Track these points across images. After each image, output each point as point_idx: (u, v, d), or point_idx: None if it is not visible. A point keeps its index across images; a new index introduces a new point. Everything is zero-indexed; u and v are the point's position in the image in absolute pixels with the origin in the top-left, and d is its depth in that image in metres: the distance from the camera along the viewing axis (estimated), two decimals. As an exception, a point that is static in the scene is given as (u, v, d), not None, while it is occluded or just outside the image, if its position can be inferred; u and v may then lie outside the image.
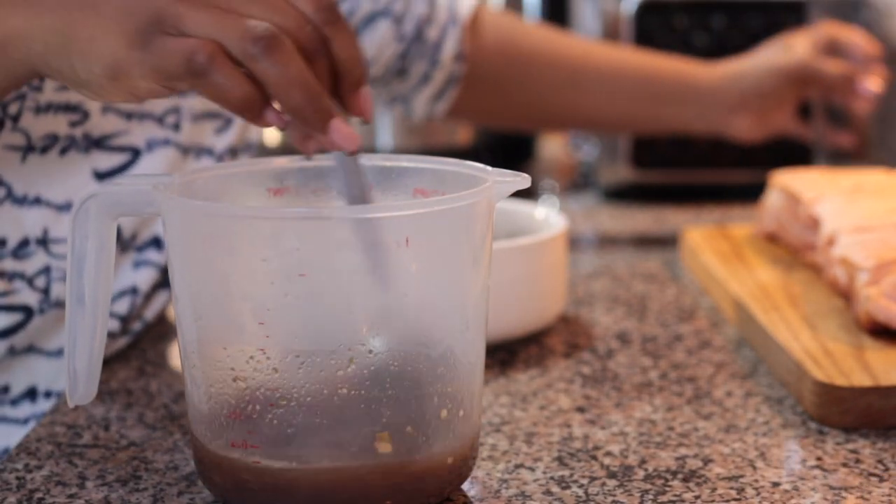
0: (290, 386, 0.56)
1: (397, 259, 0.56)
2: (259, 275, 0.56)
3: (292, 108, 0.58)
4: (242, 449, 0.58)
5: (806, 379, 0.73)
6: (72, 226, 0.60)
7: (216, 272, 0.57)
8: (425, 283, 0.57)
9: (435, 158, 0.64)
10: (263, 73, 0.57)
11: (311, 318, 0.57)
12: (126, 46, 0.58)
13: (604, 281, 1.03)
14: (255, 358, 0.57)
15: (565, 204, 1.35)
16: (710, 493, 0.63)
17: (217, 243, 0.57)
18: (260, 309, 0.56)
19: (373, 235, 0.55)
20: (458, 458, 0.60)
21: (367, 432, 0.57)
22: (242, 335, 0.57)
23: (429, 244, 0.57)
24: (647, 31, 1.31)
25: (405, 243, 0.56)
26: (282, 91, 0.57)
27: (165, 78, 0.58)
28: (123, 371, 0.81)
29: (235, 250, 0.56)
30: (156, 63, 0.58)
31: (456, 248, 0.58)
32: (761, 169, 1.22)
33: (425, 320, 0.58)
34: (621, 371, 0.81)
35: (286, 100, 0.58)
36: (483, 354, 0.62)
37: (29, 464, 0.67)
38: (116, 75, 0.59)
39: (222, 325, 0.57)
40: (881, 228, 0.86)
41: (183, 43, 0.57)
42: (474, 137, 1.41)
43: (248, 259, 0.56)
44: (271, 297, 0.56)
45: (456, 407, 0.59)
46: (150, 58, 0.58)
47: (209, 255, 0.57)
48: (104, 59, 0.59)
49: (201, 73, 0.57)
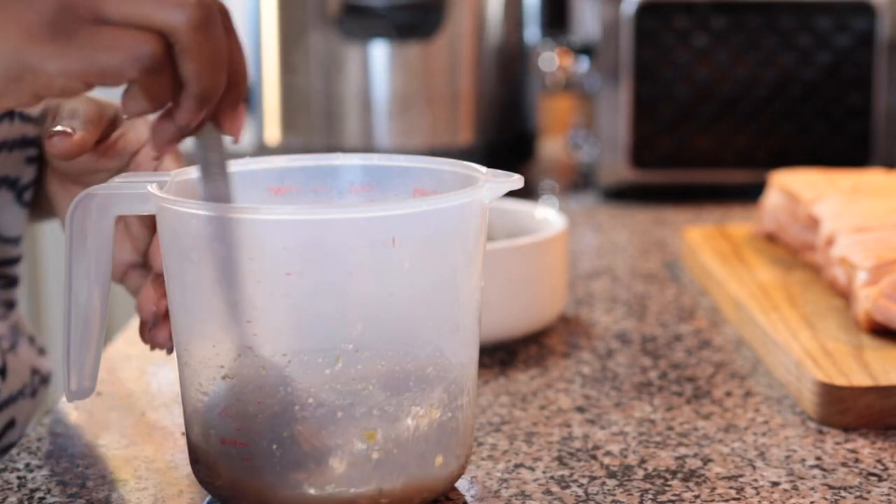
0: (276, 384, 0.57)
1: (384, 259, 0.56)
2: (246, 273, 0.56)
3: (211, 88, 0.55)
4: (233, 446, 0.58)
5: (805, 379, 0.73)
6: (68, 223, 0.60)
7: (205, 270, 0.57)
8: (412, 283, 0.57)
9: (431, 158, 0.65)
10: (195, 47, 0.54)
11: (298, 316, 0.57)
12: (33, 40, 0.53)
13: (604, 281, 1.03)
14: (243, 355, 0.57)
15: (565, 204, 1.35)
16: (710, 492, 0.63)
17: (206, 242, 0.57)
18: (247, 307, 0.56)
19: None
20: (449, 458, 0.60)
21: (354, 431, 0.57)
22: (230, 333, 0.57)
23: (416, 244, 0.57)
24: (647, 31, 1.31)
25: (392, 243, 0.56)
26: (207, 69, 0.55)
27: (98, 74, 0.54)
28: (123, 371, 0.81)
29: (225, 249, 0.56)
30: (87, 57, 0.53)
31: (444, 248, 0.58)
32: (761, 169, 1.22)
33: (413, 320, 0.58)
34: (621, 371, 0.81)
35: (210, 79, 0.55)
36: (476, 355, 0.62)
37: (30, 463, 0.67)
38: (21, 74, 0.54)
39: (210, 323, 0.58)
40: (880, 228, 0.87)
41: (124, 36, 0.53)
42: (474, 138, 1.41)
43: (237, 257, 0.56)
44: (258, 295, 0.56)
45: (446, 407, 0.59)
46: (75, 52, 0.53)
47: (198, 254, 0.57)
48: (4, 57, 0.53)
49: (156, 70, 0.54)
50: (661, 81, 1.32)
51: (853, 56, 1.31)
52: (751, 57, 1.32)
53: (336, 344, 0.56)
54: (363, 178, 0.66)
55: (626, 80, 1.32)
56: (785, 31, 1.31)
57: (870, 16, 1.30)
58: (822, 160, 1.28)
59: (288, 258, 0.56)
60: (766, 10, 1.31)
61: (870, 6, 1.30)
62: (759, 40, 1.31)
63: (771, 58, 1.31)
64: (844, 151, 1.33)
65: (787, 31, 1.31)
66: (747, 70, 1.32)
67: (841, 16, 1.30)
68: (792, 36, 1.31)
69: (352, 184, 0.66)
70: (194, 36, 0.54)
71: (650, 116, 1.33)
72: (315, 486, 0.57)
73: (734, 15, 1.31)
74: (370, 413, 0.57)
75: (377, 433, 0.57)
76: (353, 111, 1.35)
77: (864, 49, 1.31)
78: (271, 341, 0.57)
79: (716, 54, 1.31)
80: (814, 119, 1.33)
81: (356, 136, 1.35)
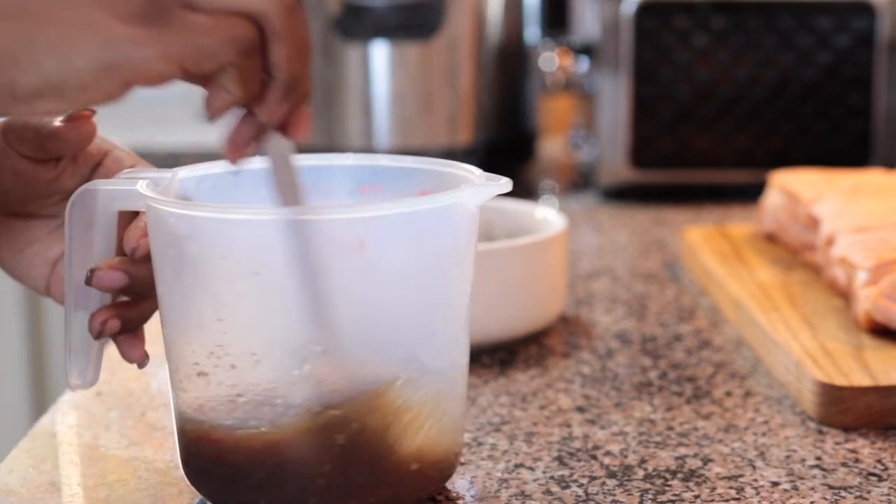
0: (247, 382, 0.57)
1: (354, 261, 0.56)
2: (217, 272, 0.56)
3: (300, 74, 0.54)
4: (207, 444, 0.58)
5: (805, 379, 0.73)
6: (68, 216, 0.60)
7: (183, 267, 0.57)
8: (384, 286, 0.57)
9: (431, 160, 0.64)
10: (285, 31, 0.53)
11: (266, 316, 0.57)
12: (127, 28, 0.51)
13: (604, 281, 1.03)
14: (216, 354, 0.57)
15: (565, 204, 1.35)
16: (710, 492, 0.63)
17: (181, 240, 0.57)
18: (218, 305, 0.57)
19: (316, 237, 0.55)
20: (426, 465, 0.59)
21: (325, 435, 0.57)
22: (203, 331, 0.57)
23: (388, 247, 0.56)
24: (647, 32, 1.31)
25: (360, 245, 0.56)
26: (297, 54, 0.54)
27: (196, 57, 0.52)
28: (123, 371, 0.81)
29: (197, 247, 0.57)
30: (184, 41, 0.52)
31: (420, 252, 0.58)
32: (761, 169, 1.22)
33: (384, 324, 0.58)
34: (621, 371, 0.81)
35: (299, 64, 0.54)
36: (461, 360, 0.61)
37: (30, 463, 0.67)
38: (115, 63, 0.51)
39: (187, 320, 0.58)
40: (880, 228, 0.87)
41: (218, 20, 0.52)
42: (474, 138, 1.41)
43: (209, 256, 0.56)
44: (228, 294, 0.56)
45: (422, 412, 0.59)
46: (171, 36, 0.52)
47: (176, 251, 0.57)
48: (97, 46, 0.51)
49: (252, 53, 0.53)
50: (661, 81, 1.32)
51: (853, 56, 1.31)
52: (751, 57, 1.32)
53: (303, 345, 0.56)
54: (372, 179, 0.66)
55: (626, 81, 1.32)
56: (785, 31, 1.31)
57: (870, 16, 1.30)
58: (822, 160, 1.28)
59: (255, 258, 0.56)
60: (766, 10, 1.31)
61: (870, 6, 1.30)
62: (759, 40, 1.31)
63: (771, 58, 1.31)
64: (844, 151, 1.33)
65: (787, 31, 1.31)
66: (747, 70, 1.32)
67: (841, 16, 1.30)
68: (792, 36, 1.31)
69: (362, 184, 0.66)
70: (285, 21, 0.53)
71: (650, 116, 1.33)
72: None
73: (734, 15, 1.31)
74: (338, 416, 0.57)
75: (346, 436, 0.57)
76: (353, 111, 1.35)
77: (864, 49, 1.31)
78: (241, 340, 0.57)
79: (716, 54, 1.31)
80: (814, 119, 1.33)
81: (356, 136, 1.35)
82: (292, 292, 0.56)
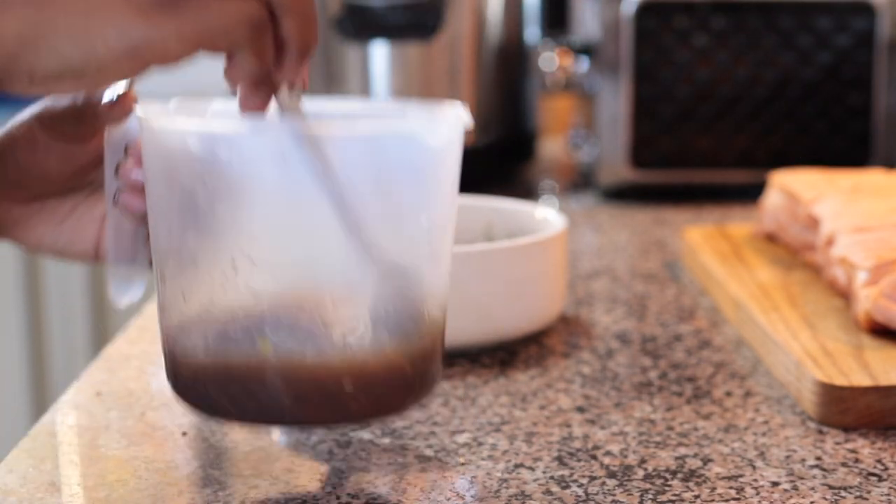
0: (221, 299, 0.57)
1: (282, 175, 0.56)
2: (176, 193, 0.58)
3: (310, 41, 0.57)
4: (193, 358, 0.59)
5: (805, 379, 0.73)
6: (107, 137, 0.63)
7: (164, 187, 0.58)
8: (312, 205, 0.57)
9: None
10: (292, 5, 0.56)
11: (200, 226, 0.58)
12: (142, 14, 0.53)
13: (604, 281, 1.03)
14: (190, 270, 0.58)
15: (565, 204, 1.35)
16: (710, 492, 0.63)
17: (158, 159, 0.58)
18: (189, 224, 0.58)
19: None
20: (355, 379, 0.58)
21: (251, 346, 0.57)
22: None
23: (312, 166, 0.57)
24: (647, 31, 1.31)
25: (283, 160, 0.56)
26: (305, 23, 0.57)
27: (211, 37, 0.54)
28: (123, 371, 0.81)
29: (169, 164, 0.58)
30: (199, 22, 0.53)
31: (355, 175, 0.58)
32: (761, 169, 1.22)
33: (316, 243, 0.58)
34: (621, 371, 0.81)
35: (309, 32, 0.57)
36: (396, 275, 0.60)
37: (30, 463, 0.67)
38: (135, 47, 0.53)
39: (168, 242, 0.59)
40: (880, 228, 0.87)
41: (229, 1, 0.54)
42: (474, 138, 1.41)
43: (182, 172, 0.58)
44: (195, 215, 0.57)
45: (355, 318, 0.58)
46: (186, 18, 0.53)
47: (156, 171, 0.58)
48: (116, 31, 0.52)
49: (263, 30, 0.55)
50: (661, 81, 1.32)
51: (853, 56, 1.31)
52: (751, 57, 1.32)
53: (234, 255, 0.57)
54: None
55: (626, 81, 1.32)
56: (785, 31, 1.31)
57: (870, 16, 1.30)
58: (822, 160, 1.28)
59: (194, 169, 0.57)
60: (766, 10, 1.31)
61: (870, 6, 1.30)
62: (759, 40, 1.31)
63: (771, 58, 1.32)
64: (844, 151, 1.33)
65: (787, 31, 1.31)
66: (747, 70, 1.32)
67: (841, 16, 1.31)
68: (792, 36, 1.31)
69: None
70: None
71: (650, 116, 1.33)
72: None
73: (734, 15, 1.31)
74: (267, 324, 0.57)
75: (269, 343, 0.58)
76: (353, 111, 1.35)
77: (864, 49, 1.31)
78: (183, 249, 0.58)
79: (716, 54, 1.31)
80: (814, 119, 1.33)
81: (356, 136, 1.35)
82: (223, 201, 0.57)
